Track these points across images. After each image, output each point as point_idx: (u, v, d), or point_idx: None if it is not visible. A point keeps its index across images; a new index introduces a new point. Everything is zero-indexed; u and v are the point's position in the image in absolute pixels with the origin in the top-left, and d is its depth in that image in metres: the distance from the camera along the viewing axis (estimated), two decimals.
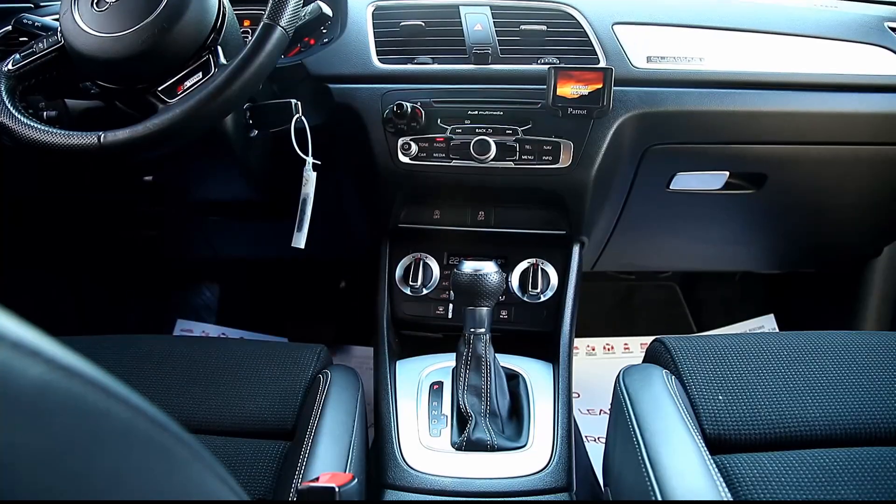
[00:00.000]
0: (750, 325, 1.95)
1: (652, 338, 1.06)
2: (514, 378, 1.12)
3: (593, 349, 1.94)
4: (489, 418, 1.01)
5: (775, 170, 1.24)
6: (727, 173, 1.25)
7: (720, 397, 0.89)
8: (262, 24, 0.89)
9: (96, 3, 0.91)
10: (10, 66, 0.93)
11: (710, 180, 1.26)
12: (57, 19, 0.97)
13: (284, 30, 0.90)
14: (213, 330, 2.00)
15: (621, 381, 0.96)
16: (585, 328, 1.91)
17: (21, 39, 1.08)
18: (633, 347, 1.95)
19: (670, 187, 1.26)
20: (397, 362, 1.16)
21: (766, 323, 1.94)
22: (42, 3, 1.37)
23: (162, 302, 2.03)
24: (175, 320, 2.00)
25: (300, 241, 1.08)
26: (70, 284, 1.79)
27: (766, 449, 0.83)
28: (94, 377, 0.27)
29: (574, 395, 1.74)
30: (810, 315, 1.85)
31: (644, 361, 1.05)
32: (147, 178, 1.29)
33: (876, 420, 0.85)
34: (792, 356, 0.95)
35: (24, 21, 1.04)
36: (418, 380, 1.12)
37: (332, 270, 2.06)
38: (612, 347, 1.95)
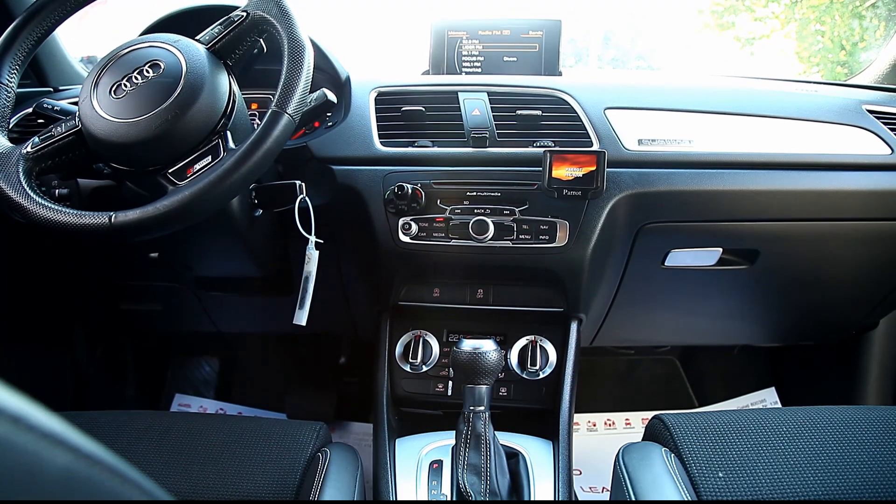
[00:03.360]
0: (751, 398, 1.94)
1: (654, 413, 1.06)
2: (513, 457, 1.11)
3: (594, 425, 1.92)
4: (489, 498, 1.00)
5: (767, 246, 1.27)
6: (720, 250, 1.27)
7: (720, 474, 0.89)
8: (270, 110, 0.92)
9: (114, 91, 0.95)
10: (28, 149, 0.96)
11: (704, 257, 1.29)
12: (74, 102, 1.02)
13: (292, 117, 0.93)
14: (210, 405, 1.99)
15: (620, 460, 0.96)
16: (586, 404, 1.90)
17: (39, 121, 1.13)
18: (635, 423, 1.93)
19: (665, 264, 1.29)
20: (396, 440, 1.16)
21: (768, 396, 1.93)
22: (60, 88, 1.44)
23: (160, 376, 2.02)
24: (173, 395, 1.99)
25: (302, 318, 1.09)
26: (68, 357, 1.79)
27: None
28: (112, 464, 0.28)
29: (576, 472, 1.72)
30: (811, 387, 1.85)
31: (644, 439, 1.05)
32: (152, 254, 1.31)
33: (878, 499, 0.85)
34: (792, 432, 0.95)
35: (45, 106, 1.09)
36: (417, 458, 1.11)
37: (332, 346, 2.06)
38: (614, 423, 1.93)
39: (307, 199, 1.08)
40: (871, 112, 1.25)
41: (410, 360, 1.23)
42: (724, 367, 2.04)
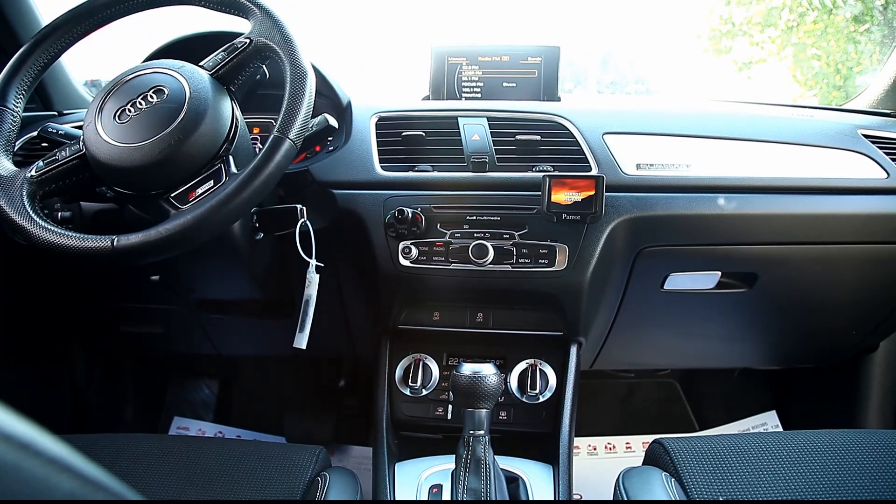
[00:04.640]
0: (752, 422, 1.93)
1: (654, 436, 1.06)
2: (513, 481, 1.10)
3: (595, 449, 1.91)
4: None
5: (765, 269, 1.28)
6: (719, 273, 1.28)
7: (720, 499, 0.88)
8: (272, 135, 0.93)
9: (118, 116, 0.96)
10: (33, 173, 0.97)
11: (703, 280, 1.29)
12: (78, 127, 1.03)
13: (293, 142, 0.94)
14: (209, 428, 1.98)
15: (621, 484, 0.95)
16: (586, 427, 1.89)
17: (43, 145, 1.13)
18: (636, 446, 1.92)
19: (664, 287, 1.29)
20: (396, 464, 1.15)
21: (769, 420, 1.92)
22: (65, 112, 1.45)
23: (159, 398, 2.01)
24: (172, 417, 1.98)
25: (302, 341, 1.09)
26: (67, 378, 1.78)
27: None
28: (115, 490, 0.28)
29: (576, 496, 1.71)
30: (812, 410, 1.84)
31: (644, 463, 1.05)
32: (154, 277, 1.31)
33: None
34: (793, 456, 0.95)
35: (49, 130, 1.10)
36: (417, 482, 1.10)
37: (332, 369, 2.05)
38: (614, 447, 1.92)
39: (308, 222, 1.08)
40: (867, 136, 1.26)
41: (410, 384, 1.23)
42: (725, 391, 2.03)
